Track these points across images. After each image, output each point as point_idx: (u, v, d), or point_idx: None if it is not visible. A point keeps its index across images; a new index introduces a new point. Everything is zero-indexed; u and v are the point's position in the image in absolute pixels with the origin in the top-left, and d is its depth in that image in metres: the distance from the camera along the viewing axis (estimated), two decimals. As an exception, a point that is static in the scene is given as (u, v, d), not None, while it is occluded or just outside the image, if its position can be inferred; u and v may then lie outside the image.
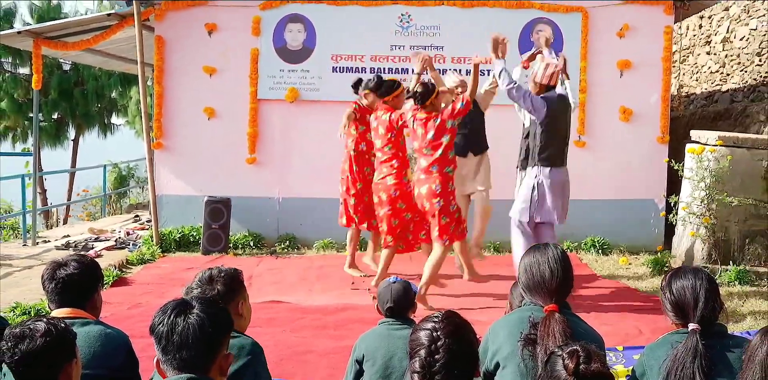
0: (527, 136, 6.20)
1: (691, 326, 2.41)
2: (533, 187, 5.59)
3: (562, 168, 5.67)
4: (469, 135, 6.41)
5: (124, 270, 7.11)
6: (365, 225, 6.65)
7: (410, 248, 6.39)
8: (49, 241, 8.96)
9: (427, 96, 5.62)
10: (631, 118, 8.29)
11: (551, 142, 5.57)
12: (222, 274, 2.67)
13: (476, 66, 5.65)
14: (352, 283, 6.50)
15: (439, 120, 5.55)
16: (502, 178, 6.87)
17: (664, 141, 8.29)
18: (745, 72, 9.60)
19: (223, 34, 8.26)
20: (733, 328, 4.94)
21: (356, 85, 6.58)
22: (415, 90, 5.68)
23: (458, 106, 5.54)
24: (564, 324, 2.39)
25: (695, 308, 2.43)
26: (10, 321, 3.36)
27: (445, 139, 5.58)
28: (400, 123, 5.93)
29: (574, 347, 1.98)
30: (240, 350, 2.50)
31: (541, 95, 5.61)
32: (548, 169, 5.57)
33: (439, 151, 5.58)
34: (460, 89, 6.22)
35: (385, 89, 6.15)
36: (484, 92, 6.50)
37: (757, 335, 2.05)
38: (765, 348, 1.99)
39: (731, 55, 10.01)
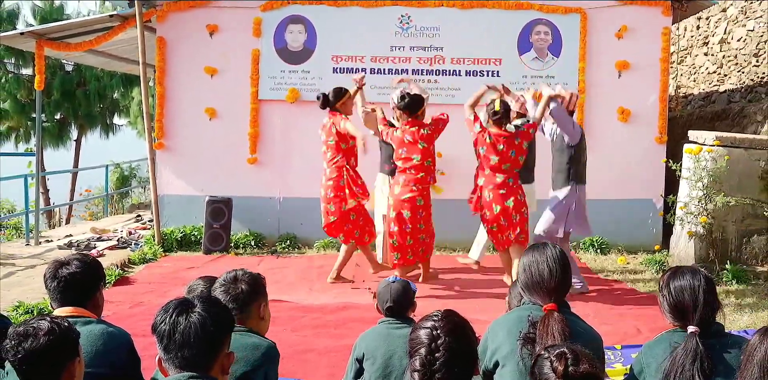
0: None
1: (690, 329, 2.40)
2: (573, 204, 6.06)
3: (585, 185, 6.25)
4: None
5: (126, 269, 7.11)
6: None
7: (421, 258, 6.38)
8: (51, 241, 8.95)
9: (507, 115, 5.95)
10: (630, 118, 8.29)
11: (581, 162, 6.13)
12: (246, 275, 2.72)
13: (544, 97, 5.96)
14: (352, 282, 6.51)
15: (519, 139, 5.88)
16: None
17: (662, 141, 8.29)
18: (743, 73, 9.60)
19: (224, 35, 8.26)
20: (731, 327, 4.94)
21: (326, 102, 6.39)
22: (500, 110, 5.87)
23: (531, 131, 5.96)
24: (563, 323, 2.39)
25: (694, 310, 2.43)
26: (12, 320, 3.36)
27: (521, 159, 5.93)
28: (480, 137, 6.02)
29: (562, 349, 1.95)
30: (254, 350, 2.50)
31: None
32: (582, 186, 6.14)
33: (516, 169, 5.94)
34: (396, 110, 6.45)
35: (417, 105, 6.14)
36: (364, 114, 6.63)
37: (756, 335, 2.04)
38: (763, 348, 1.97)
39: (728, 56, 10.01)
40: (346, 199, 6.29)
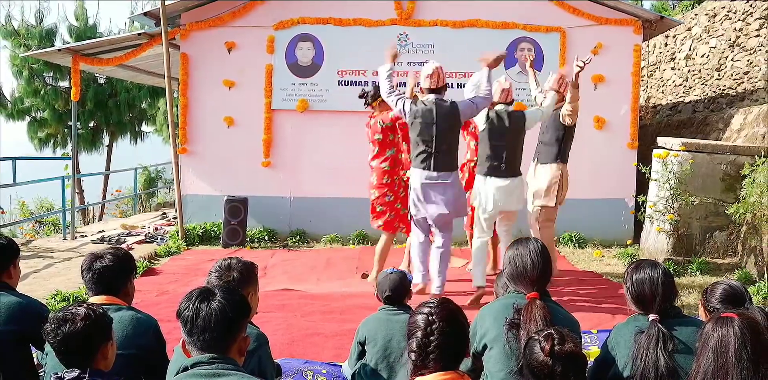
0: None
1: (651, 316, 2.42)
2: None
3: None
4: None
5: (152, 261, 7.12)
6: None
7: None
8: (86, 236, 8.96)
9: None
10: (605, 126, 8.30)
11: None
12: (240, 264, 2.67)
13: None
14: (356, 268, 6.51)
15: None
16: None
17: (633, 147, 8.30)
18: (706, 85, 9.60)
19: (241, 52, 8.27)
20: (695, 315, 4.94)
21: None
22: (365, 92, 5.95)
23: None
24: (544, 309, 2.40)
25: (654, 300, 2.45)
26: (50, 307, 3.36)
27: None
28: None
29: (549, 331, 1.99)
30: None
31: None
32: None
33: None
34: None
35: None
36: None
37: (710, 322, 2.03)
38: (716, 334, 1.97)
39: (693, 71, 10.02)
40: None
